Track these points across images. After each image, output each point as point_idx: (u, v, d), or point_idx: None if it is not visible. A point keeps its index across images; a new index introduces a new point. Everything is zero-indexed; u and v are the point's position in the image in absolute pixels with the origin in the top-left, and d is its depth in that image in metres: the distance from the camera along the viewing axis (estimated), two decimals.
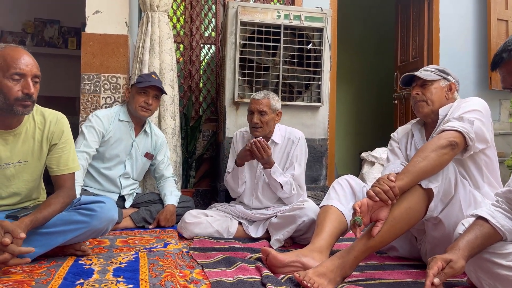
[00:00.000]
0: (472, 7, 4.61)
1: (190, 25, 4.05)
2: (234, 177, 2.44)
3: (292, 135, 2.46)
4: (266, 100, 2.37)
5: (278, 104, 2.42)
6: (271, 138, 2.43)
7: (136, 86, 2.58)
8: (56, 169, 1.75)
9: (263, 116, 2.35)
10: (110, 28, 3.11)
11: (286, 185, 2.31)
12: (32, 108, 1.61)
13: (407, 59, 4.82)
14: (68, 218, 1.68)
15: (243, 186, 2.48)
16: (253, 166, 2.46)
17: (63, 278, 1.41)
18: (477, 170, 1.77)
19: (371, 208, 1.50)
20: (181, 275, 1.56)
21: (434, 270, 1.23)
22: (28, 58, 1.56)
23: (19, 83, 1.53)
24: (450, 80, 1.87)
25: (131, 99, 2.61)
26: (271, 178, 2.31)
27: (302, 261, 1.63)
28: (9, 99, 1.53)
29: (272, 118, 2.38)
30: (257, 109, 2.35)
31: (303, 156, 2.42)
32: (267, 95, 2.40)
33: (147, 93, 2.57)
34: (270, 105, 2.36)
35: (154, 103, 2.61)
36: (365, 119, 6.48)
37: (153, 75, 2.64)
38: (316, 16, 3.19)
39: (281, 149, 2.45)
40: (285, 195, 2.36)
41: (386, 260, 1.88)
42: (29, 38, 4.87)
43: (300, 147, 2.42)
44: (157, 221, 2.56)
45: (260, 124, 2.35)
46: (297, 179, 2.37)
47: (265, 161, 2.27)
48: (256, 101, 2.38)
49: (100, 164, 2.59)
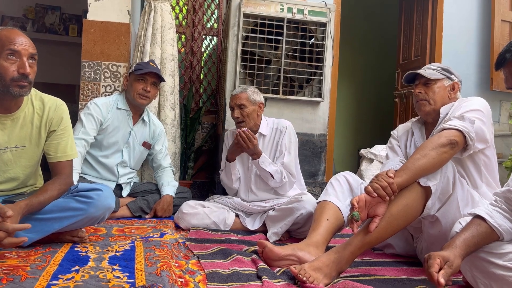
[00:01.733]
0: (476, 7, 4.60)
1: (192, 15, 4.03)
2: (228, 174, 2.46)
3: (279, 125, 2.48)
4: (243, 93, 2.40)
5: (257, 96, 2.44)
6: (259, 131, 2.45)
7: (134, 73, 2.57)
8: (54, 156, 1.74)
9: (243, 109, 2.38)
10: (112, 16, 3.08)
11: (276, 174, 2.33)
12: (29, 90, 1.59)
13: (409, 57, 4.80)
14: (64, 205, 1.67)
15: (237, 182, 2.49)
16: (244, 160, 2.47)
17: (59, 265, 1.40)
18: (475, 170, 1.77)
19: (369, 203, 1.50)
20: (176, 265, 1.56)
21: (435, 268, 1.22)
22: (23, 38, 1.55)
23: (15, 63, 1.52)
24: (453, 79, 1.86)
25: (129, 87, 2.61)
26: (260, 168, 2.33)
27: (298, 255, 1.63)
28: (5, 79, 1.52)
29: (253, 110, 2.40)
30: (235, 104, 2.40)
31: (292, 144, 2.43)
32: (244, 89, 2.44)
33: (145, 80, 2.57)
34: (248, 98, 2.39)
35: (153, 91, 2.60)
36: (365, 116, 6.47)
37: (151, 63, 2.63)
38: (319, 11, 3.18)
39: (270, 140, 2.47)
40: (276, 184, 2.36)
41: (382, 257, 1.89)
42: (30, 23, 4.84)
43: (288, 136, 2.43)
44: (154, 211, 2.56)
45: (241, 118, 2.39)
46: (287, 167, 2.37)
47: (252, 151, 2.30)
48: (234, 97, 2.43)
49: (98, 152, 2.58)
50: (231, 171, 2.43)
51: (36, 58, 1.59)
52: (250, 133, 2.26)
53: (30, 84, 1.58)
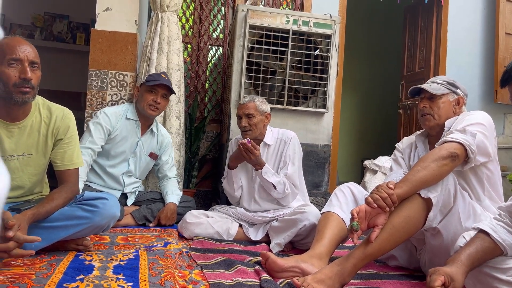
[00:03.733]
0: (480, 20, 4.62)
1: (198, 26, 4.07)
2: (229, 181, 2.47)
3: (284, 136, 2.48)
4: (252, 103, 2.42)
5: (265, 106, 2.46)
6: (264, 140, 2.46)
7: (146, 84, 2.60)
8: (61, 164, 1.76)
9: (251, 119, 2.39)
10: (120, 25, 3.12)
11: (279, 185, 2.33)
12: (32, 96, 1.60)
13: (413, 69, 4.82)
14: (70, 213, 1.68)
15: (239, 190, 2.49)
16: (248, 170, 2.48)
17: (64, 273, 1.41)
18: (478, 183, 1.77)
19: (369, 214, 1.51)
20: (180, 275, 1.56)
21: (438, 283, 1.22)
22: (25, 46, 1.57)
23: (16, 69, 1.54)
24: (458, 94, 1.86)
25: (139, 98, 2.63)
26: (263, 179, 2.34)
27: (301, 267, 1.63)
28: (8, 85, 1.54)
29: (260, 120, 2.42)
30: (243, 113, 2.41)
31: (296, 155, 2.44)
32: (253, 98, 2.45)
33: (156, 92, 2.59)
34: (256, 108, 2.41)
35: (163, 102, 2.63)
36: (369, 127, 6.48)
37: (163, 75, 2.66)
38: (324, 23, 3.21)
39: (274, 151, 2.47)
40: (279, 195, 2.37)
41: (385, 270, 1.88)
42: (38, 31, 4.90)
43: (292, 146, 2.44)
44: (157, 219, 2.57)
45: (248, 127, 2.40)
46: (291, 178, 2.37)
47: (254, 162, 2.31)
48: (242, 106, 2.44)
49: (105, 162, 2.61)
50: (233, 179, 2.44)
51: (37, 65, 1.60)
52: (253, 144, 2.27)
53: (33, 90, 1.59)
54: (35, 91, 1.62)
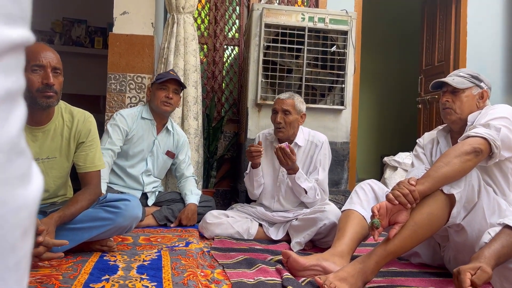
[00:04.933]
0: (501, 11, 4.51)
1: (214, 26, 4.09)
2: (250, 179, 2.45)
3: (315, 139, 2.44)
4: (290, 100, 2.36)
5: (303, 106, 2.41)
6: (294, 141, 2.42)
7: (156, 83, 2.65)
8: (83, 166, 1.80)
9: (287, 116, 2.34)
10: (137, 29, 3.16)
11: (311, 191, 2.30)
12: (56, 100, 1.64)
13: (432, 62, 4.74)
14: (94, 215, 1.72)
15: (259, 188, 2.48)
16: (275, 169, 2.45)
17: (89, 274, 1.44)
18: (503, 178, 1.73)
19: (390, 211, 1.50)
20: (202, 274, 1.58)
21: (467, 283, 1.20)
22: (48, 52, 1.60)
23: (39, 74, 1.58)
24: (482, 87, 1.81)
25: (152, 97, 2.68)
26: (295, 183, 2.30)
27: (323, 265, 1.63)
28: (32, 91, 1.57)
29: (295, 119, 2.37)
30: (281, 108, 2.34)
31: (326, 160, 2.41)
32: (292, 95, 2.40)
33: (167, 88, 2.63)
34: (294, 105, 2.35)
35: (175, 97, 2.67)
36: (388, 123, 6.40)
37: (171, 72, 2.71)
38: (341, 19, 3.18)
39: (305, 153, 2.44)
40: (309, 199, 2.34)
41: (408, 267, 1.86)
42: (57, 37, 4.99)
43: (323, 151, 2.41)
44: (178, 220, 2.60)
45: (283, 124, 2.34)
46: (321, 184, 2.36)
47: (290, 167, 2.26)
48: (280, 101, 2.38)
49: (124, 162, 2.65)
50: (254, 177, 2.42)
51: (59, 71, 1.63)
52: (291, 149, 2.20)
53: (57, 94, 1.63)
54: (59, 96, 1.65)
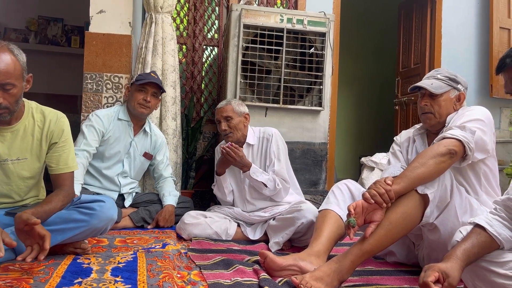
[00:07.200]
0: (475, 15, 4.63)
1: (193, 26, 4.06)
2: (220, 188, 2.49)
3: (266, 134, 2.50)
4: (228, 106, 2.45)
5: (242, 108, 2.48)
6: (246, 141, 2.48)
7: (135, 83, 2.61)
8: (56, 168, 1.76)
9: (230, 121, 2.42)
10: (114, 28, 3.12)
11: (270, 182, 2.34)
12: (8, 114, 1.57)
13: (408, 65, 4.83)
14: (67, 217, 1.68)
15: (230, 195, 2.51)
16: (236, 173, 2.49)
17: (62, 277, 1.41)
18: (475, 178, 1.77)
19: (366, 210, 1.52)
20: (179, 276, 1.56)
21: (432, 278, 1.22)
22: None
23: None
24: (459, 89, 1.84)
25: (130, 97, 2.63)
26: (252, 179, 2.34)
27: (299, 265, 1.63)
28: None
29: (240, 121, 2.44)
30: (222, 116, 2.43)
31: (280, 150, 2.45)
32: (229, 101, 2.49)
33: (146, 91, 2.59)
34: (233, 110, 2.43)
35: (153, 101, 2.63)
36: (366, 124, 6.48)
37: (152, 74, 2.67)
38: (319, 21, 3.21)
39: (259, 149, 2.49)
40: (271, 192, 2.38)
41: (384, 266, 1.89)
42: (33, 35, 4.88)
43: (275, 142, 2.45)
44: (156, 221, 2.57)
45: (229, 130, 2.42)
46: (280, 173, 2.38)
47: (240, 164, 2.33)
48: (219, 110, 2.47)
49: (100, 164, 2.60)
50: (223, 185, 2.47)
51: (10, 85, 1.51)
52: (235, 145, 2.30)
53: (8, 110, 1.56)
54: (12, 108, 1.57)
